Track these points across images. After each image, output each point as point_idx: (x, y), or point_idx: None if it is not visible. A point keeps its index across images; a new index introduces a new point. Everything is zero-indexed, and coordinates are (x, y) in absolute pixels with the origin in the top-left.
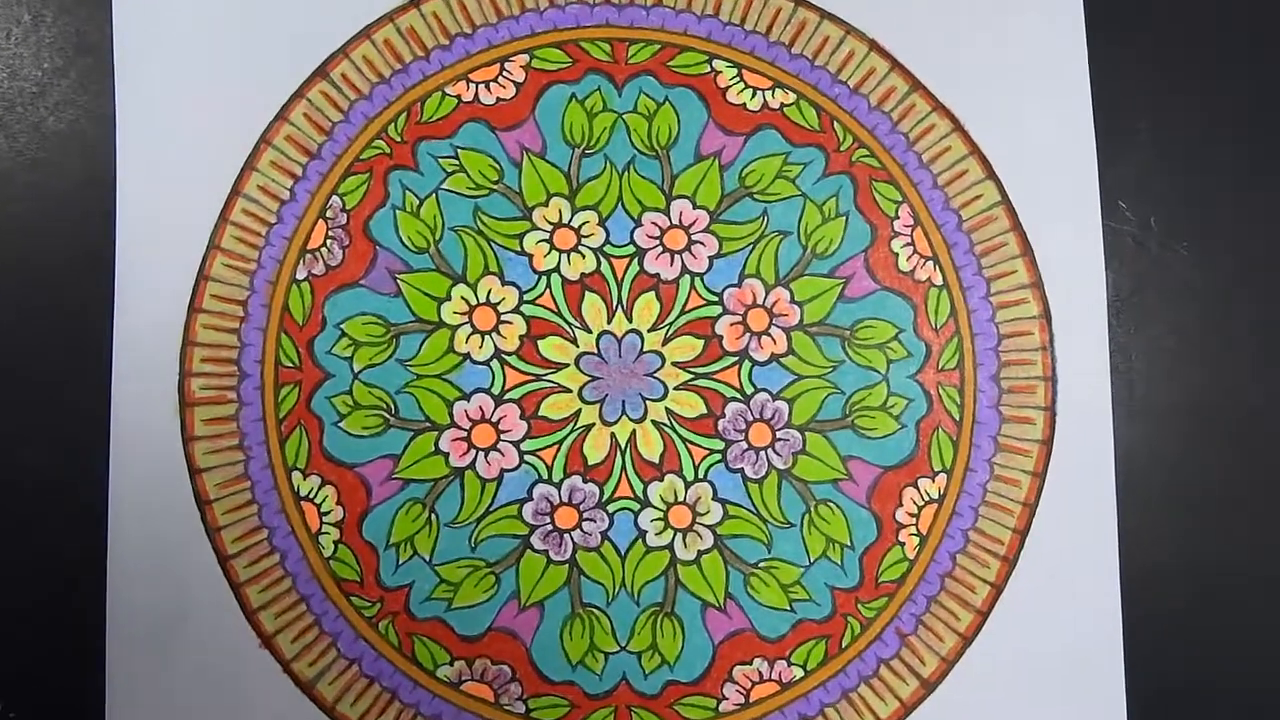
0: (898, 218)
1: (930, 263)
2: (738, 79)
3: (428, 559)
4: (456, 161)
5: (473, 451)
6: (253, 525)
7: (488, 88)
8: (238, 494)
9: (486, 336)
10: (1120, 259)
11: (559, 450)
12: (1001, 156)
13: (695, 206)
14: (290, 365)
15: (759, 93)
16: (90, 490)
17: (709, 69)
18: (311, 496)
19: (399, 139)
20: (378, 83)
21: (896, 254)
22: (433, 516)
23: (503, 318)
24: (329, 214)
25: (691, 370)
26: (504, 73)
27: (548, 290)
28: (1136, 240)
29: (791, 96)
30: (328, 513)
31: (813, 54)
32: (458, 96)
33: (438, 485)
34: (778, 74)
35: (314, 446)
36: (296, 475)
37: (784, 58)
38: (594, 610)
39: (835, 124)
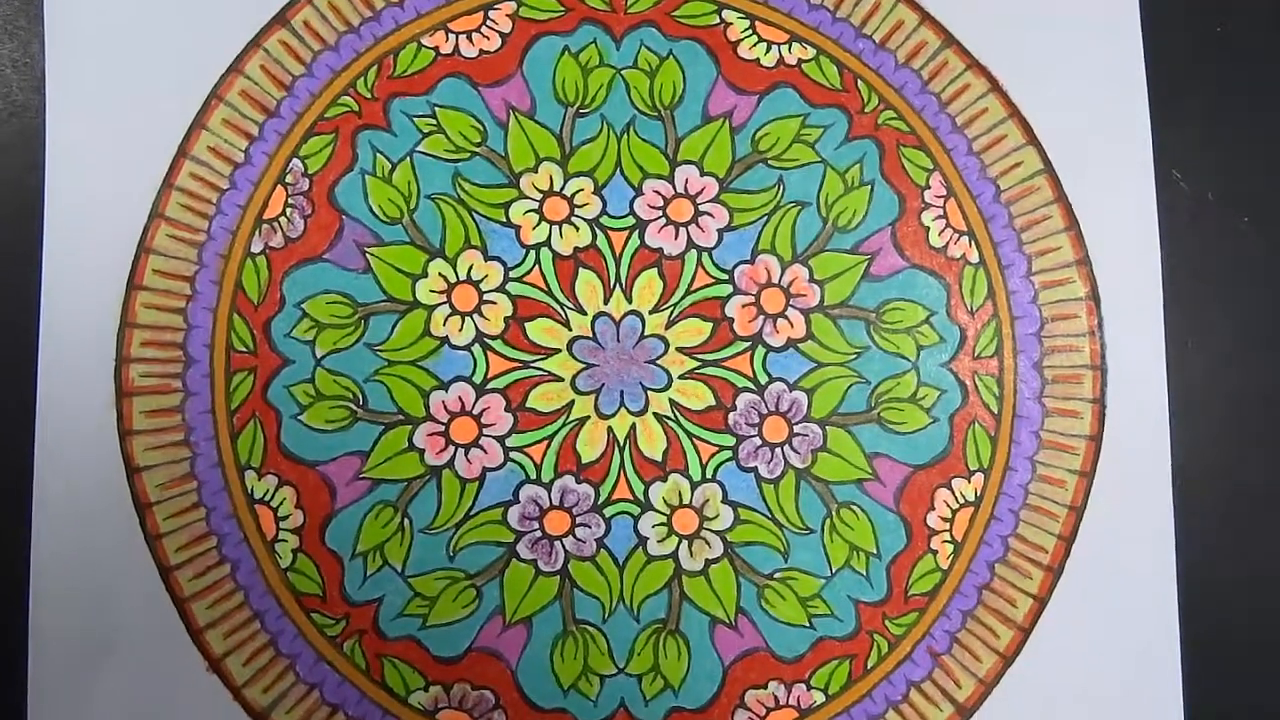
0: (929, 187)
1: (965, 238)
2: (750, 31)
3: (400, 570)
4: (434, 121)
5: (451, 448)
6: (199, 532)
7: (470, 39)
8: (182, 496)
9: (467, 318)
10: (1175, 234)
11: (549, 447)
12: (1044, 120)
13: (703, 174)
14: (244, 350)
15: (774, 47)
16: (12, 492)
17: (718, 20)
18: (267, 499)
19: (369, 95)
20: (345, 32)
21: (927, 228)
22: (405, 522)
23: (486, 297)
24: (289, 179)
25: (698, 357)
26: (488, 22)
27: (537, 266)
28: (1193, 213)
29: (810, 52)
30: (285, 517)
31: (834, 5)
32: (435, 48)
33: (411, 486)
34: (795, 26)
35: (270, 442)
36: (250, 475)
37: (802, 9)
38: (588, 628)
39: (859, 83)
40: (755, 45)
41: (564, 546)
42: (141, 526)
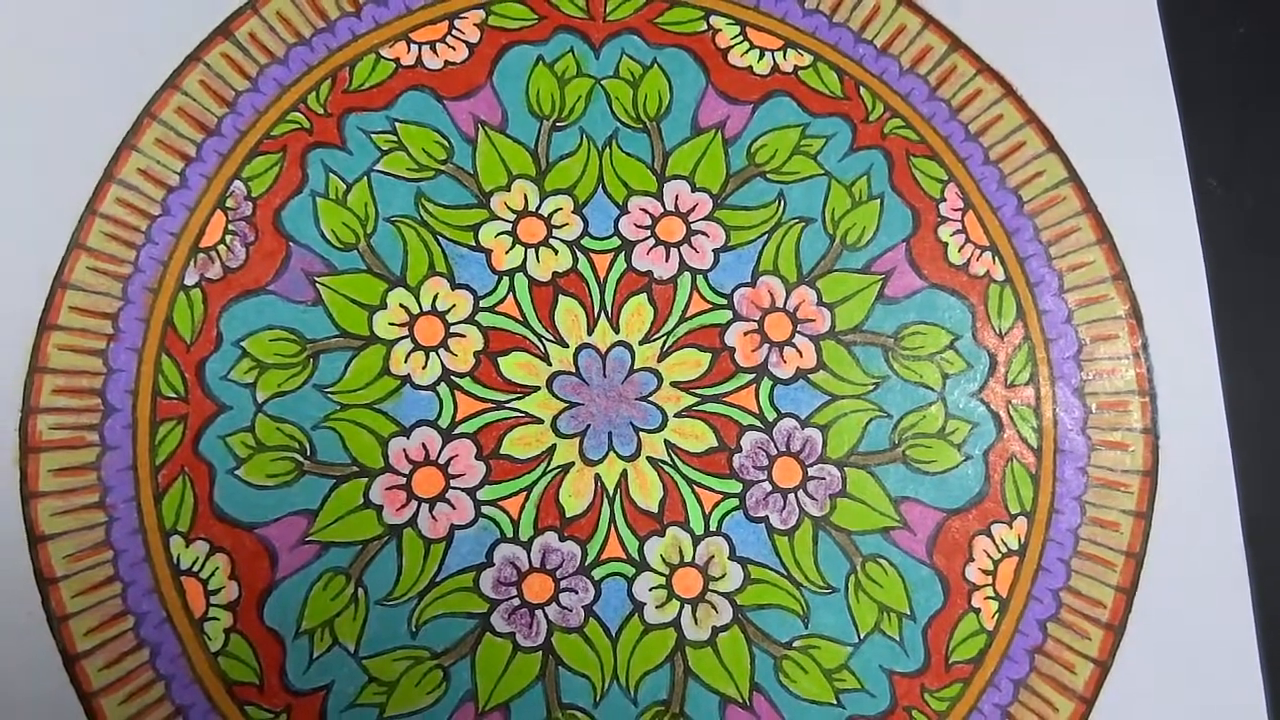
0: (944, 200)
1: (988, 253)
2: (741, 38)
3: (352, 650)
4: (394, 138)
5: (414, 504)
6: (114, 611)
7: (434, 49)
8: (94, 569)
9: (432, 354)
10: (1217, 243)
11: (527, 499)
12: (1064, 124)
13: (695, 189)
14: (173, 396)
15: (768, 54)
16: None
17: (705, 26)
18: (196, 570)
19: (321, 111)
20: (295, 44)
21: (945, 243)
22: (360, 592)
23: (453, 330)
24: (230, 203)
25: (696, 392)
26: (454, 32)
27: (511, 294)
28: (1233, 221)
29: (807, 58)
30: (217, 591)
31: (830, 9)
32: (396, 60)
33: (367, 549)
34: (789, 32)
35: (201, 502)
36: (176, 541)
37: (796, 13)
38: (577, 713)
39: (862, 90)
40: (747, 52)
41: (547, 616)
42: (45, 606)
